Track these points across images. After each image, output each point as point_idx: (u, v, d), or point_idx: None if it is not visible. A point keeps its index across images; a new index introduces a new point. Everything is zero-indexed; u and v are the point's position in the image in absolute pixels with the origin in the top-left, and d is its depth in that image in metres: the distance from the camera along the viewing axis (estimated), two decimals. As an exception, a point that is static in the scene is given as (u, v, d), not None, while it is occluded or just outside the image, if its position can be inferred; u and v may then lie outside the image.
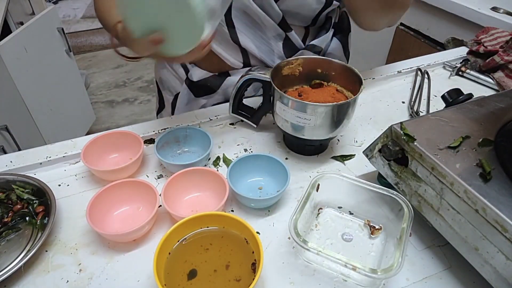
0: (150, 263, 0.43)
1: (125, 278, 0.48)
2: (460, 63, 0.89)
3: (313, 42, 0.77)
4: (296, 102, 0.58)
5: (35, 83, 1.61)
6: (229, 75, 0.77)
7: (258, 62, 0.76)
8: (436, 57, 0.93)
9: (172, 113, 0.86)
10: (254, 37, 0.73)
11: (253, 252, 0.46)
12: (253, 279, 0.41)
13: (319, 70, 0.67)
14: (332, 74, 0.66)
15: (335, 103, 0.58)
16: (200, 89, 0.79)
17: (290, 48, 0.75)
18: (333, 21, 0.79)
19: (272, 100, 0.63)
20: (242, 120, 0.72)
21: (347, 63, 0.86)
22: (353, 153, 0.67)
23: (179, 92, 0.82)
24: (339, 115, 0.59)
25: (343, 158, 0.66)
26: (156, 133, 0.70)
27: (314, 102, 0.61)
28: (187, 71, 0.80)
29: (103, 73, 2.94)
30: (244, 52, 0.75)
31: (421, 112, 0.76)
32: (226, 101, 0.78)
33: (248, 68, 0.75)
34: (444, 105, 0.74)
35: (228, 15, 0.69)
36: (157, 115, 0.94)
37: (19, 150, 0.72)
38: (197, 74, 0.78)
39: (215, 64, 0.77)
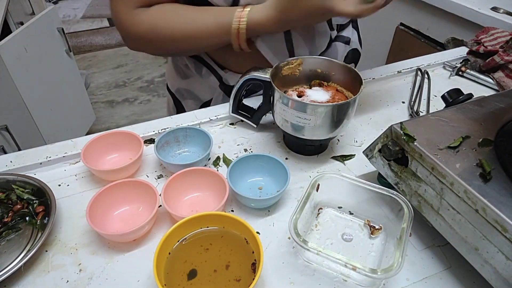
0: (150, 263, 0.43)
1: (125, 278, 0.48)
2: (460, 63, 0.89)
3: (341, 34, 0.79)
4: (296, 102, 0.58)
5: (35, 83, 1.61)
6: None
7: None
8: (436, 57, 0.93)
9: None
10: (307, 34, 0.72)
11: (253, 252, 0.46)
12: (253, 279, 0.41)
13: (319, 70, 0.67)
14: (332, 74, 0.66)
15: (335, 103, 0.58)
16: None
17: (327, 42, 0.76)
18: None
19: (272, 100, 0.63)
20: (242, 120, 0.72)
21: (361, 48, 0.87)
22: (353, 153, 0.67)
23: (211, 99, 0.81)
24: (339, 115, 0.58)
25: (343, 158, 0.66)
26: (156, 133, 0.70)
27: (314, 102, 0.61)
28: (219, 77, 0.78)
29: (103, 73, 2.95)
30: (291, 50, 0.73)
31: (421, 112, 0.76)
32: None
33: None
34: (444, 105, 0.74)
35: None
36: None
37: (19, 150, 0.72)
38: (233, 78, 0.76)
39: (250, 66, 0.76)
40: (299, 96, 0.64)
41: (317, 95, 0.64)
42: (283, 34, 0.71)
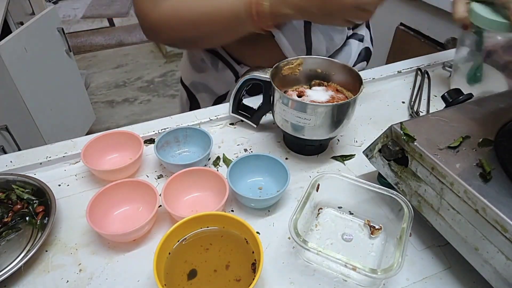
0: (150, 263, 0.43)
1: (125, 278, 0.48)
2: (460, 63, 0.89)
3: (356, 31, 0.81)
4: (296, 102, 0.58)
5: (35, 83, 1.61)
6: None
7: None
8: (436, 57, 0.93)
9: None
10: (326, 31, 0.73)
11: (253, 252, 0.46)
12: (253, 279, 0.41)
13: (319, 70, 0.67)
14: (332, 74, 0.66)
15: (335, 103, 0.58)
16: (252, 89, 0.77)
17: (344, 39, 0.78)
18: None
19: (272, 100, 0.63)
20: (242, 120, 0.72)
21: (373, 47, 0.88)
22: (353, 153, 0.66)
23: (225, 93, 0.81)
24: (339, 115, 0.59)
25: (343, 158, 0.66)
26: (156, 133, 0.70)
27: (314, 102, 0.61)
28: (235, 72, 0.78)
29: (103, 73, 2.95)
30: (310, 48, 0.74)
31: (421, 112, 0.76)
32: None
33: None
34: (444, 105, 0.74)
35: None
36: None
37: (19, 150, 0.72)
38: None
39: (267, 61, 0.74)
40: (299, 96, 0.64)
41: (317, 95, 0.64)
42: (303, 30, 0.71)
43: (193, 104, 0.89)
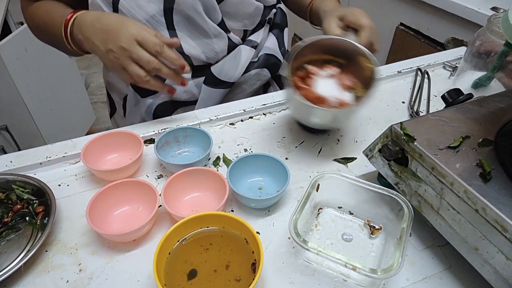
0: (150, 263, 0.43)
1: (125, 278, 0.48)
2: (460, 63, 0.89)
3: (250, 38, 0.79)
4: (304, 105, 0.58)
5: (35, 83, 1.61)
6: None
7: (203, 62, 0.76)
8: (436, 57, 0.93)
9: (124, 115, 0.85)
10: (198, 43, 0.73)
11: (253, 252, 0.46)
12: (253, 279, 0.41)
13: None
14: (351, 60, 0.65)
15: (339, 109, 0.58)
16: (145, 90, 0.78)
17: (230, 46, 0.76)
18: (268, 17, 0.81)
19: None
20: (242, 120, 0.72)
21: (283, 59, 0.85)
22: (354, 156, 0.66)
23: (127, 95, 0.81)
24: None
25: (346, 160, 0.66)
26: (156, 133, 0.70)
27: (320, 95, 0.61)
28: None
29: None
30: (187, 57, 0.74)
31: (421, 112, 0.76)
32: (171, 99, 0.78)
33: None
34: (444, 105, 0.74)
35: (170, 23, 0.69)
36: (110, 117, 0.93)
37: (19, 150, 0.72)
38: None
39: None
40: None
41: (325, 88, 0.63)
42: (168, 36, 0.70)
43: (112, 104, 0.89)
